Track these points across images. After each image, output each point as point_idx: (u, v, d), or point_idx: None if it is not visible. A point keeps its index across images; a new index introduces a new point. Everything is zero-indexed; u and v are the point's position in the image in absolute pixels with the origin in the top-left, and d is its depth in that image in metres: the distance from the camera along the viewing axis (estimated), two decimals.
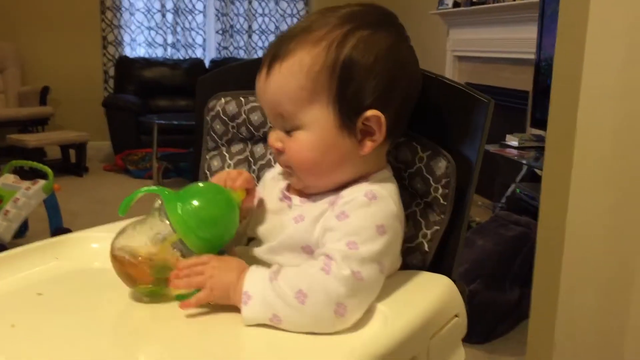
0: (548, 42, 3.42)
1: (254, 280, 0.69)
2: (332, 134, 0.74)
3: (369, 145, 0.76)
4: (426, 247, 0.84)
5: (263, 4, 5.80)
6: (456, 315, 0.75)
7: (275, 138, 0.77)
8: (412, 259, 0.84)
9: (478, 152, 0.82)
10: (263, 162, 1.00)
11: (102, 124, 5.16)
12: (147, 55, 5.62)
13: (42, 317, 0.71)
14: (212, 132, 1.02)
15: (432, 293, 0.74)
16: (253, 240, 0.84)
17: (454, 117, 0.84)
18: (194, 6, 5.68)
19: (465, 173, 0.82)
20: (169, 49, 5.69)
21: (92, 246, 0.91)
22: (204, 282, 0.70)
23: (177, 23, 5.66)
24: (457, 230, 0.84)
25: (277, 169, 0.89)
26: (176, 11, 5.64)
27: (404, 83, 0.77)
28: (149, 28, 5.63)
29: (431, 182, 0.83)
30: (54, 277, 0.83)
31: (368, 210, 0.73)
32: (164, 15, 5.62)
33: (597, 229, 1.49)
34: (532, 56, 3.18)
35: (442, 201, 0.83)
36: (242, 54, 5.82)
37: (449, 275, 0.82)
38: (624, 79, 1.43)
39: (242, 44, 5.84)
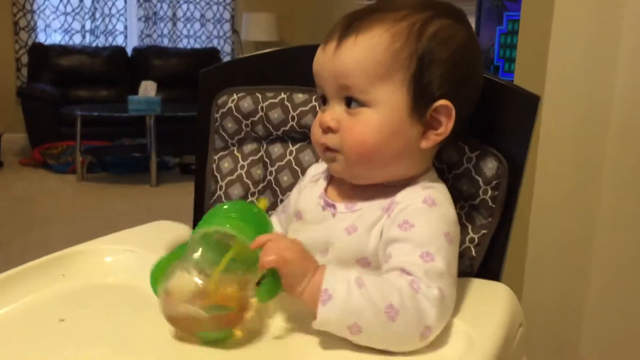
0: (486, 35, 3.51)
1: (336, 279, 0.61)
2: (400, 118, 0.70)
3: (432, 139, 0.72)
4: (473, 252, 0.80)
5: None
6: (520, 325, 0.72)
7: (331, 116, 0.71)
8: (460, 265, 0.80)
9: (527, 152, 0.79)
10: (282, 163, 0.93)
11: (16, 115, 4.82)
12: (63, 43, 5.29)
13: (75, 350, 0.62)
14: (221, 131, 0.94)
15: (500, 303, 0.70)
16: None
17: (501, 115, 0.81)
18: None
19: (513, 173, 0.80)
20: (87, 35, 5.38)
21: (105, 260, 0.81)
22: (278, 264, 0.61)
23: (95, 9, 5.36)
24: (504, 233, 0.81)
25: (315, 170, 0.83)
26: None
27: (473, 82, 0.74)
28: (65, 13, 5.29)
29: (480, 183, 0.79)
30: (69, 298, 0.73)
31: (431, 217, 0.69)
32: (81, 0, 5.30)
33: (558, 212, 1.55)
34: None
35: (490, 204, 0.80)
36: (166, 42, 5.59)
37: (496, 280, 0.80)
38: (586, 76, 1.48)
39: (166, 31, 5.61)
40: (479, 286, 0.76)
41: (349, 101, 0.71)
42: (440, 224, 0.69)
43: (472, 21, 3.35)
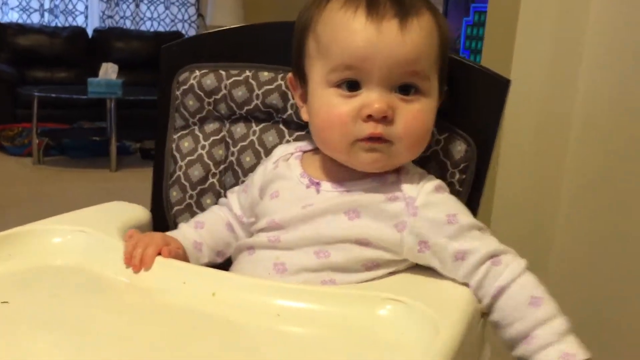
0: (452, 26, 3.51)
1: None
2: (436, 105, 0.71)
3: None
4: None
5: None
6: (483, 314, 0.71)
7: (387, 104, 0.66)
8: None
9: (496, 135, 0.78)
10: (244, 143, 0.89)
11: None
12: (21, 21, 5.11)
13: (20, 334, 0.58)
14: (182, 109, 0.91)
15: (465, 292, 0.68)
16: (265, 231, 0.74)
17: (470, 98, 0.79)
18: None
19: (482, 157, 0.78)
20: (46, 15, 5.21)
21: (53, 241, 0.76)
22: None
23: None
24: None
25: (282, 150, 0.80)
26: None
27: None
28: None
29: (448, 166, 0.78)
30: (14, 280, 0.69)
31: (453, 200, 0.72)
32: None
33: (521, 197, 1.57)
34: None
35: (457, 187, 0.78)
36: (128, 24, 5.46)
37: None
38: (549, 81, 1.49)
39: (128, 13, 5.47)
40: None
41: (406, 88, 0.67)
42: (457, 200, 0.72)
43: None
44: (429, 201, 0.69)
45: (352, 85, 0.67)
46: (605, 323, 1.49)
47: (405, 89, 0.67)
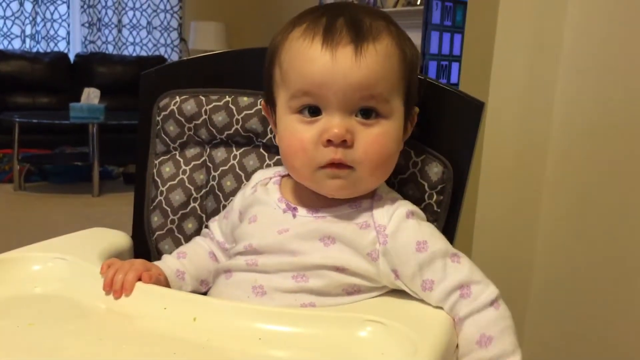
0: (432, 49, 3.57)
1: None
2: (401, 127, 0.71)
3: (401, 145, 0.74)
4: None
5: None
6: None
7: (346, 129, 0.66)
8: None
9: (472, 156, 0.79)
10: (225, 167, 0.90)
11: None
12: (2, 47, 5.09)
13: None
14: (163, 134, 0.91)
15: (443, 314, 0.69)
16: (243, 255, 0.74)
17: (445, 120, 0.81)
18: None
19: (458, 178, 0.80)
20: (27, 40, 5.20)
21: (33, 268, 0.76)
22: None
23: (37, 13, 5.19)
24: (449, 237, 0.80)
25: (261, 175, 0.81)
26: (36, 0, 5.17)
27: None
28: (4, 17, 5.10)
29: (426, 188, 0.79)
30: None
31: (425, 226, 0.72)
32: (21, 4, 5.13)
33: (501, 219, 1.58)
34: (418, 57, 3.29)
35: (435, 208, 0.79)
36: (111, 49, 5.46)
37: None
38: (526, 102, 1.52)
39: (111, 38, 5.48)
40: None
41: (367, 112, 0.68)
42: (430, 226, 0.72)
43: (419, 34, 3.40)
44: (398, 228, 0.69)
45: (313, 111, 0.68)
46: (589, 339, 1.50)
47: (366, 113, 0.68)
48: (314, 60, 0.66)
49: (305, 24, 0.69)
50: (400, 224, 0.70)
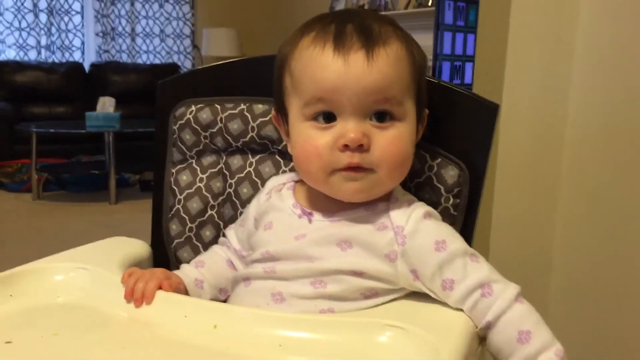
0: (445, 49, 3.56)
1: None
2: (415, 129, 0.72)
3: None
4: None
5: (147, 6, 5.53)
6: (481, 342, 0.71)
7: (363, 133, 0.67)
8: None
9: (487, 159, 0.79)
10: (241, 175, 0.91)
11: None
12: (18, 59, 5.16)
13: None
14: (179, 143, 0.92)
15: (464, 315, 0.69)
16: (260, 262, 0.75)
17: (460, 123, 0.81)
18: (70, 6, 5.30)
19: (474, 181, 0.79)
20: (43, 51, 5.26)
21: (55, 279, 0.77)
22: None
23: (51, 24, 5.25)
24: (466, 241, 0.80)
25: (274, 181, 0.81)
26: (50, 11, 5.23)
27: None
28: (20, 29, 5.17)
29: (442, 191, 0.79)
30: (17, 319, 0.69)
31: (443, 226, 0.72)
32: (36, 16, 5.19)
33: (518, 219, 1.57)
34: (430, 63, 3.29)
35: (452, 211, 0.79)
36: (125, 58, 5.51)
37: None
38: (540, 103, 1.51)
39: (124, 47, 5.53)
40: None
41: (381, 115, 0.68)
42: (448, 226, 0.73)
43: (430, 36, 3.40)
44: (417, 229, 0.70)
45: (328, 117, 0.68)
46: (608, 338, 1.48)
47: (380, 116, 0.68)
48: (327, 66, 0.67)
49: (314, 32, 0.69)
50: (418, 224, 0.70)
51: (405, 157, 0.71)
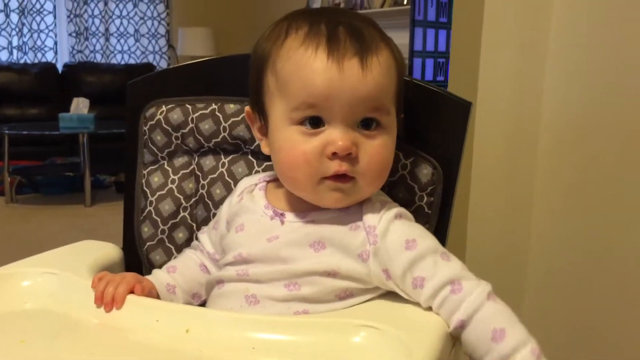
0: (429, 46, 3.57)
1: None
2: (396, 136, 0.72)
3: None
4: None
5: (121, 5, 5.47)
6: (454, 343, 0.71)
7: (352, 141, 0.66)
8: None
9: (461, 157, 0.79)
10: (214, 175, 0.90)
11: None
12: None
13: None
14: (150, 144, 0.91)
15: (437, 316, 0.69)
16: (233, 265, 0.74)
17: (433, 122, 0.81)
18: (42, 6, 5.21)
19: (448, 179, 0.79)
20: (14, 52, 5.17)
21: (22, 284, 0.75)
22: None
23: (23, 24, 5.17)
24: (440, 239, 0.80)
25: (246, 182, 0.80)
26: (22, 11, 5.14)
27: None
28: None
29: (416, 190, 0.79)
30: None
31: (414, 226, 0.72)
32: (7, 16, 5.10)
33: (494, 217, 1.58)
34: (405, 61, 3.30)
35: (426, 210, 0.79)
36: (99, 58, 5.44)
37: None
38: (515, 102, 1.53)
39: (98, 47, 5.46)
40: None
41: (368, 123, 0.68)
42: (419, 226, 0.72)
43: (406, 34, 3.41)
44: (388, 229, 0.69)
45: (315, 122, 0.67)
46: (583, 334, 1.50)
47: (367, 124, 0.68)
48: (320, 72, 0.65)
49: (303, 32, 0.67)
50: (389, 224, 0.69)
51: (388, 165, 0.71)
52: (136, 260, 0.91)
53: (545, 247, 1.58)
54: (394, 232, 0.69)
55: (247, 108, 0.78)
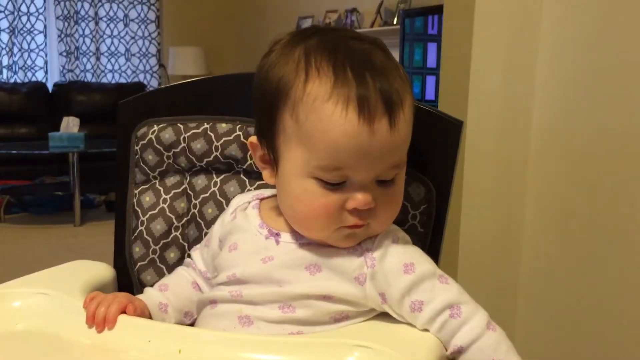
0: (410, 66, 3.60)
1: None
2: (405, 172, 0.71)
3: None
4: None
5: (112, 25, 5.49)
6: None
7: (372, 197, 0.66)
8: None
9: (453, 175, 0.79)
10: (206, 195, 0.89)
11: None
12: None
13: None
14: (142, 164, 0.90)
15: (432, 335, 0.68)
16: (226, 285, 0.73)
17: (425, 140, 0.81)
18: (32, 26, 5.22)
19: (440, 197, 0.80)
20: (4, 71, 5.17)
21: (13, 305, 0.74)
22: None
23: (13, 44, 5.17)
24: (433, 257, 0.80)
25: (238, 200, 0.80)
26: (12, 31, 5.15)
27: None
28: None
29: (409, 209, 0.79)
30: None
31: (413, 249, 0.71)
32: None
33: (485, 234, 1.59)
34: None
35: (419, 228, 0.79)
36: (89, 77, 5.45)
37: None
38: (504, 119, 1.54)
39: (89, 66, 5.47)
40: None
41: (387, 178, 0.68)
42: (417, 249, 0.72)
43: (396, 54, 3.44)
44: (385, 252, 0.69)
45: (339, 180, 0.66)
46: (578, 352, 1.50)
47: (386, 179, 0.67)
48: (351, 135, 0.62)
49: (328, 79, 0.63)
50: (387, 248, 0.69)
51: (400, 205, 0.71)
52: (127, 280, 0.90)
53: (537, 262, 1.59)
54: (391, 255, 0.69)
55: (252, 139, 0.74)
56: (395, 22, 3.77)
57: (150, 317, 0.75)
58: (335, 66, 0.63)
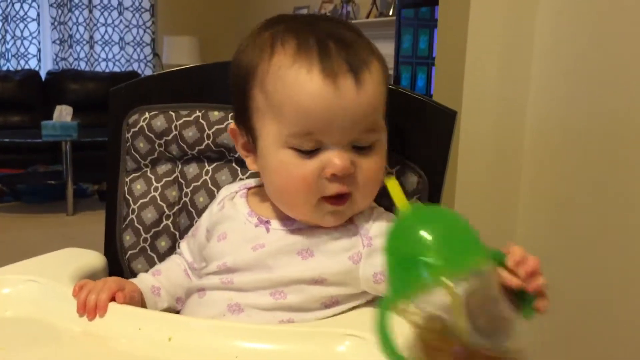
0: (414, 55, 3.59)
1: None
2: (385, 149, 0.71)
3: None
4: None
5: (105, 13, 5.44)
6: None
7: (350, 161, 0.65)
8: None
9: (446, 165, 0.79)
10: (197, 183, 0.89)
11: None
12: None
13: None
14: (133, 151, 0.90)
15: None
16: (217, 274, 0.73)
17: (418, 130, 0.81)
18: (25, 13, 5.18)
19: (433, 187, 0.80)
20: None
21: (2, 291, 0.74)
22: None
23: (6, 31, 5.13)
24: None
25: (226, 191, 0.80)
26: (5, 18, 5.10)
27: None
28: None
29: None
30: None
31: None
32: None
33: (478, 227, 1.59)
34: (391, 72, 3.31)
35: None
36: (83, 66, 5.41)
37: None
38: (499, 112, 1.54)
39: (83, 55, 5.43)
40: None
41: (363, 143, 0.67)
42: None
43: (392, 45, 3.43)
44: (382, 232, 0.69)
45: (313, 145, 0.66)
46: (571, 346, 1.50)
47: (362, 144, 0.67)
48: (317, 95, 0.63)
49: (292, 47, 0.64)
50: (383, 227, 0.70)
51: (381, 179, 0.69)
52: (118, 269, 0.90)
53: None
54: (380, 234, 0.69)
55: (231, 125, 0.76)
56: (390, 14, 3.76)
57: (141, 302, 0.74)
58: (299, 37, 0.65)
